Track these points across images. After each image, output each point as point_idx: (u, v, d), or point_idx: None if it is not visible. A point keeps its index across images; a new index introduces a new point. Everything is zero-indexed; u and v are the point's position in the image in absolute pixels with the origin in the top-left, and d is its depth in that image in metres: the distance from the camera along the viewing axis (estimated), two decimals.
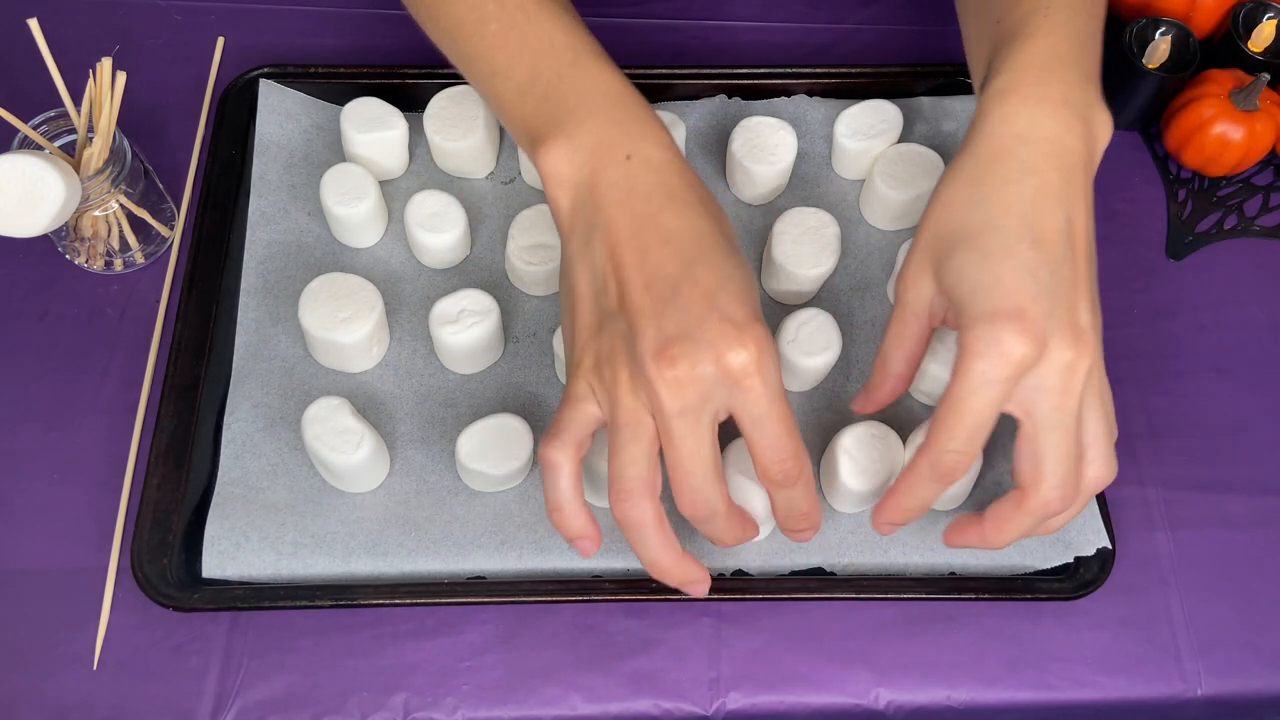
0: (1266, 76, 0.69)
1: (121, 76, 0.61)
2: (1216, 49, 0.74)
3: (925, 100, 0.73)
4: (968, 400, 0.47)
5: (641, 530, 0.50)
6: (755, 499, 0.56)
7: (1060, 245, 0.49)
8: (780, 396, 0.49)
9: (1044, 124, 0.51)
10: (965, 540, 0.53)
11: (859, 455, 0.57)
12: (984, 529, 0.52)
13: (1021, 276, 0.48)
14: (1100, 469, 0.50)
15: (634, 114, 0.52)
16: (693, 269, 0.49)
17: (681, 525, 0.58)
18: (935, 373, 0.60)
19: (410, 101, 0.70)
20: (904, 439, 0.59)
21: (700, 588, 0.53)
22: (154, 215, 0.66)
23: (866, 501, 0.59)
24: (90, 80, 0.61)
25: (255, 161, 0.68)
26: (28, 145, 0.61)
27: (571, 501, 0.51)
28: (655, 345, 0.47)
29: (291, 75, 0.71)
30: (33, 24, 0.59)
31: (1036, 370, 0.47)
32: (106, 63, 0.61)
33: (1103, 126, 0.53)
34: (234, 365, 0.63)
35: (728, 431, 0.51)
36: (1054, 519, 0.51)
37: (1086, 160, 0.51)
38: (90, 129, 0.62)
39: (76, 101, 0.61)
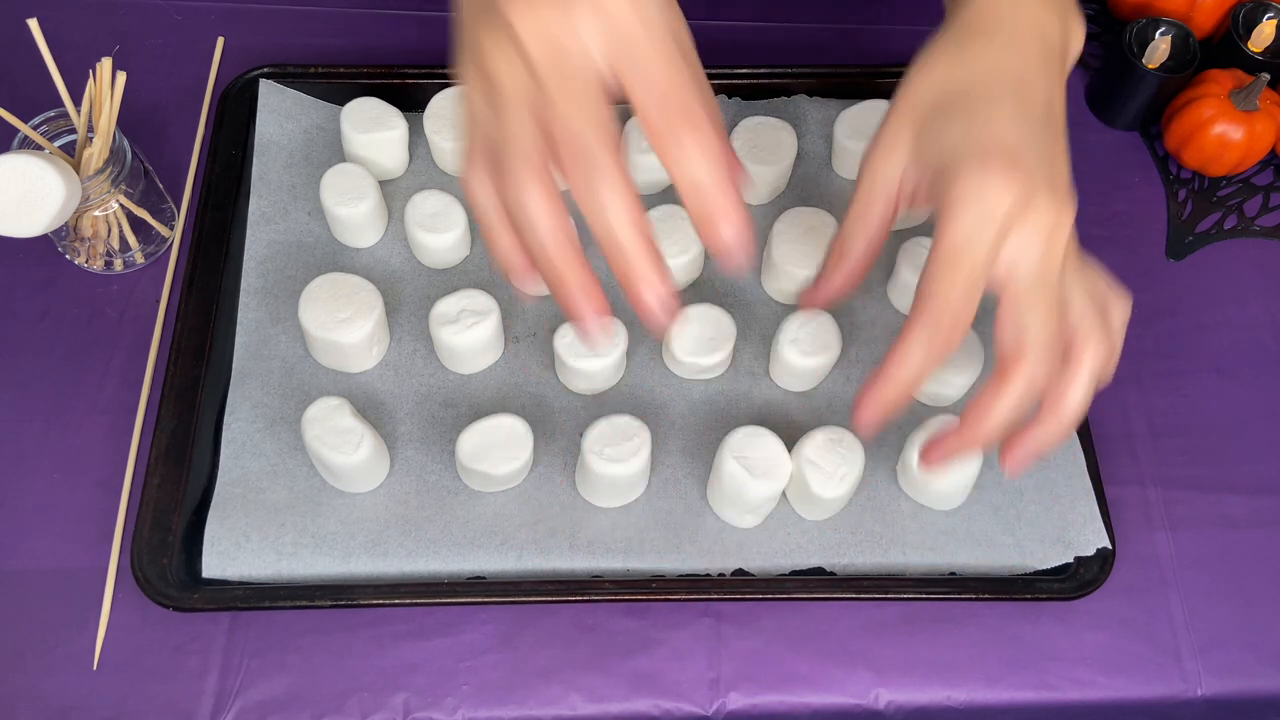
0: (1266, 76, 0.69)
1: (121, 76, 0.61)
2: (1216, 49, 0.74)
3: None
4: (963, 248, 0.46)
5: (534, 215, 0.44)
6: (750, 490, 0.56)
7: (1043, 112, 0.49)
8: (664, 35, 0.43)
9: (1026, 10, 0.51)
10: (946, 449, 0.50)
11: (822, 462, 0.57)
12: (963, 427, 0.49)
13: (1011, 125, 0.47)
14: (1096, 347, 0.49)
15: None
16: None
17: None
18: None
19: (410, 101, 0.70)
20: (905, 439, 0.60)
21: (596, 322, 0.47)
22: (154, 215, 0.66)
23: (841, 504, 0.59)
24: (90, 80, 0.61)
25: (255, 161, 0.68)
26: (28, 145, 0.61)
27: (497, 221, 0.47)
28: None
29: (291, 75, 0.71)
30: (33, 24, 0.59)
31: (1019, 230, 0.46)
32: (106, 63, 0.61)
33: (1077, 35, 0.53)
34: (234, 365, 0.63)
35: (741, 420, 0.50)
36: (1046, 432, 0.49)
37: (1062, 55, 0.52)
38: (90, 129, 0.62)
39: (76, 101, 0.61)
